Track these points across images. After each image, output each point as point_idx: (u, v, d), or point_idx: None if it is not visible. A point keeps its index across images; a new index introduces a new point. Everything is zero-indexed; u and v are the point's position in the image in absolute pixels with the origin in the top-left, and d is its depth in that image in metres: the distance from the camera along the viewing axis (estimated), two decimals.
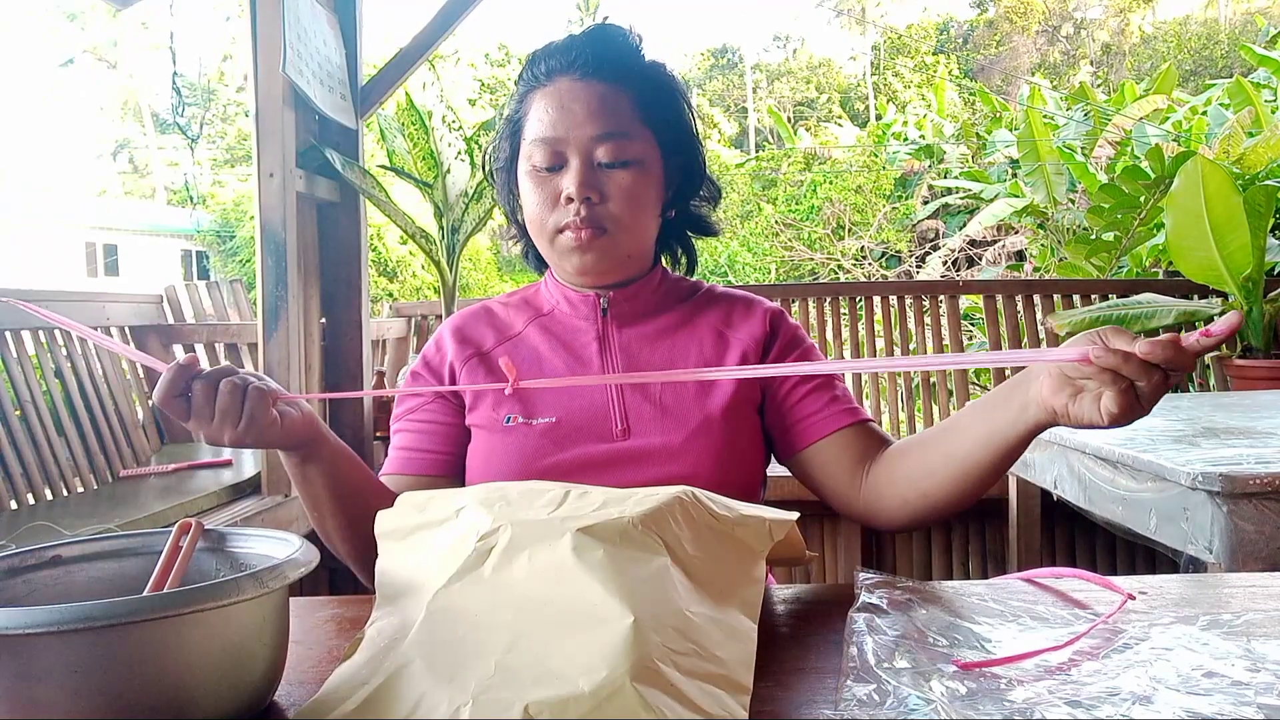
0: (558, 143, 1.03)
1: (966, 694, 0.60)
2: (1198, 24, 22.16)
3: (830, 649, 0.72)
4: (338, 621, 0.82)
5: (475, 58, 20.80)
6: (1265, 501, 1.25)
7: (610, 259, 1.06)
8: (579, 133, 1.02)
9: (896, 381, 3.52)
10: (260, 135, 2.38)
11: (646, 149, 1.06)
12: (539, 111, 1.05)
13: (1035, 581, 0.86)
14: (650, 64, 1.10)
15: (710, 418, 1.04)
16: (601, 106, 1.03)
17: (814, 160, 13.40)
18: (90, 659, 0.54)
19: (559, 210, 1.04)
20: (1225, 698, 0.58)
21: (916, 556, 2.96)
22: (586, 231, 1.03)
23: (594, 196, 1.02)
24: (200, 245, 18.79)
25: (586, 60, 1.04)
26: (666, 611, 0.61)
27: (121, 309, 2.89)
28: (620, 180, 1.03)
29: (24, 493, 2.21)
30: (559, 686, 0.54)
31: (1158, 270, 5.07)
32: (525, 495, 0.74)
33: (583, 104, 1.03)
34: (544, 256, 1.11)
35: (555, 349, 1.11)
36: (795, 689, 0.65)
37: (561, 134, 1.03)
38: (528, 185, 1.06)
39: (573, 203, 1.02)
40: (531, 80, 1.07)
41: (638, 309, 1.12)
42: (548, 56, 1.06)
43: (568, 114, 1.03)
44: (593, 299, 1.11)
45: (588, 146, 1.03)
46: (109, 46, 26.92)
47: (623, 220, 1.04)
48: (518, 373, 0.84)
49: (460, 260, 3.12)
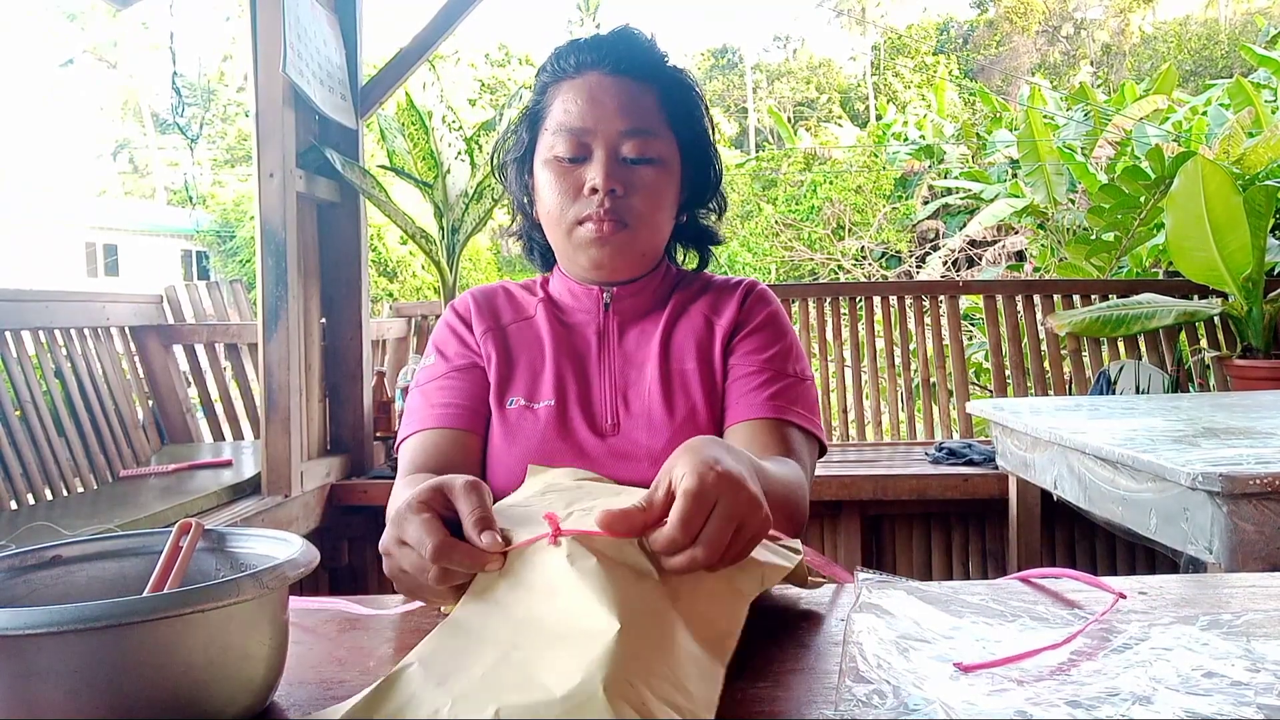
0: (584, 133, 1.04)
1: (967, 694, 0.60)
2: (1198, 24, 22.15)
3: (830, 649, 0.72)
4: (338, 622, 0.82)
5: (475, 58, 20.80)
6: (1265, 501, 1.25)
7: (627, 254, 1.06)
8: (607, 126, 1.03)
9: (896, 382, 3.51)
10: (260, 135, 2.38)
11: (669, 149, 1.07)
12: (565, 102, 1.05)
13: (1033, 582, 0.86)
14: (674, 67, 1.11)
15: (692, 418, 1.05)
16: (631, 102, 1.04)
17: (814, 160, 13.40)
18: (88, 660, 0.54)
19: (581, 201, 1.04)
20: (1225, 698, 0.58)
21: (916, 557, 2.96)
22: (609, 224, 1.03)
23: (619, 189, 1.03)
24: (200, 245, 18.80)
25: (618, 56, 1.05)
26: (652, 627, 0.61)
27: (121, 309, 2.89)
28: (644, 176, 1.04)
29: (24, 493, 2.21)
30: (535, 693, 0.55)
31: (1158, 270, 5.07)
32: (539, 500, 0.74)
33: (613, 97, 1.04)
34: (556, 249, 1.12)
35: (558, 338, 1.12)
36: (794, 689, 0.65)
37: (590, 125, 1.03)
38: (547, 175, 1.06)
39: (597, 194, 1.03)
40: (558, 72, 1.08)
41: (639, 306, 1.13)
42: (577, 51, 1.06)
43: (597, 106, 1.03)
44: (596, 293, 1.12)
45: (615, 140, 1.03)
46: (109, 46, 26.92)
47: (644, 215, 1.05)
48: (557, 523, 0.68)
49: (460, 260, 3.12)
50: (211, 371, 3.21)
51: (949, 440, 3.13)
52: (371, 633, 0.80)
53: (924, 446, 3.15)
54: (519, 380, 1.09)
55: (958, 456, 2.84)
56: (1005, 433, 2.11)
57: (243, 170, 20.42)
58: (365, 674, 0.71)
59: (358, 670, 0.71)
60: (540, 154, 1.08)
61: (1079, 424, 1.79)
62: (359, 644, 0.77)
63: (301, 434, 2.47)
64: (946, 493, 2.72)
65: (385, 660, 0.73)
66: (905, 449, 3.21)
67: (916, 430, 3.49)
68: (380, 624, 0.82)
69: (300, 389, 2.48)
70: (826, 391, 3.50)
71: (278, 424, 2.40)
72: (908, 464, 2.88)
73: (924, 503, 2.82)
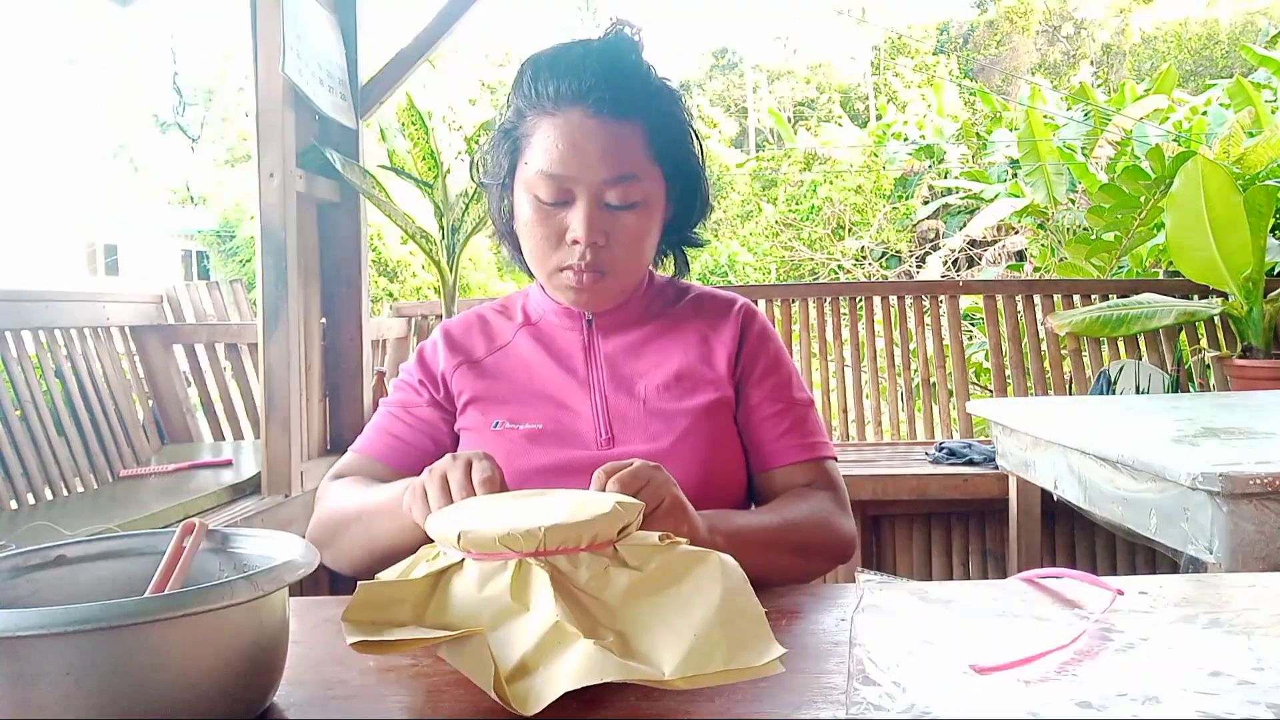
0: (566, 180, 1.00)
1: (975, 696, 0.60)
2: (1198, 24, 22.13)
3: (832, 650, 0.72)
4: (337, 621, 0.82)
5: (475, 58, 20.79)
6: (1265, 501, 1.25)
7: (606, 297, 1.08)
8: (591, 175, 0.99)
9: (897, 382, 3.51)
10: (260, 135, 2.38)
11: (653, 187, 1.04)
12: (546, 142, 1.00)
13: (1034, 582, 0.86)
14: (659, 88, 1.05)
15: (692, 426, 1.05)
16: (616, 147, 1.00)
17: (814, 160, 13.38)
18: (86, 661, 0.54)
19: (562, 250, 1.03)
20: (1233, 697, 0.58)
21: (917, 557, 2.96)
22: (589, 275, 1.03)
23: (600, 240, 1.01)
24: (200, 245, 18.79)
25: (601, 95, 0.99)
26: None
27: (121, 309, 2.89)
28: (626, 222, 1.02)
29: (24, 493, 2.21)
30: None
31: (1158, 270, 5.07)
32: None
33: (597, 145, 0.99)
34: (537, 276, 1.11)
35: (543, 359, 1.11)
36: (797, 691, 0.65)
37: (572, 173, 0.99)
38: (529, 214, 1.03)
39: (578, 245, 1.01)
40: (536, 100, 1.02)
41: (622, 319, 1.13)
42: (557, 77, 1.00)
43: (580, 154, 0.99)
44: (578, 312, 1.12)
45: (597, 190, 1.00)
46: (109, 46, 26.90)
47: (624, 263, 1.05)
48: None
49: (460, 260, 3.12)
50: (211, 371, 3.21)
51: (949, 440, 3.13)
52: None
53: (924, 446, 3.15)
54: (502, 405, 1.08)
55: (958, 456, 2.84)
56: (1005, 433, 2.11)
57: (243, 170, 20.39)
58: (365, 674, 0.70)
59: (358, 670, 0.71)
60: (520, 185, 1.05)
61: (1079, 424, 1.79)
62: None
63: (301, 434, 2.47)
64: (947, 493, 2.72)
65: (385, 660, 0.73)
66: (905, 449, 3.21)
67: (917, 430, 3.49)
68: None
69: (300, 389, 2.48)
70: (826, 391, 3.49)
71: (278, 424, 2.40)
72: (908, 464, 2.88)
73: (924, 503, 2.82)
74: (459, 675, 0.69)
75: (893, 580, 0.81)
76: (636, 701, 0.63)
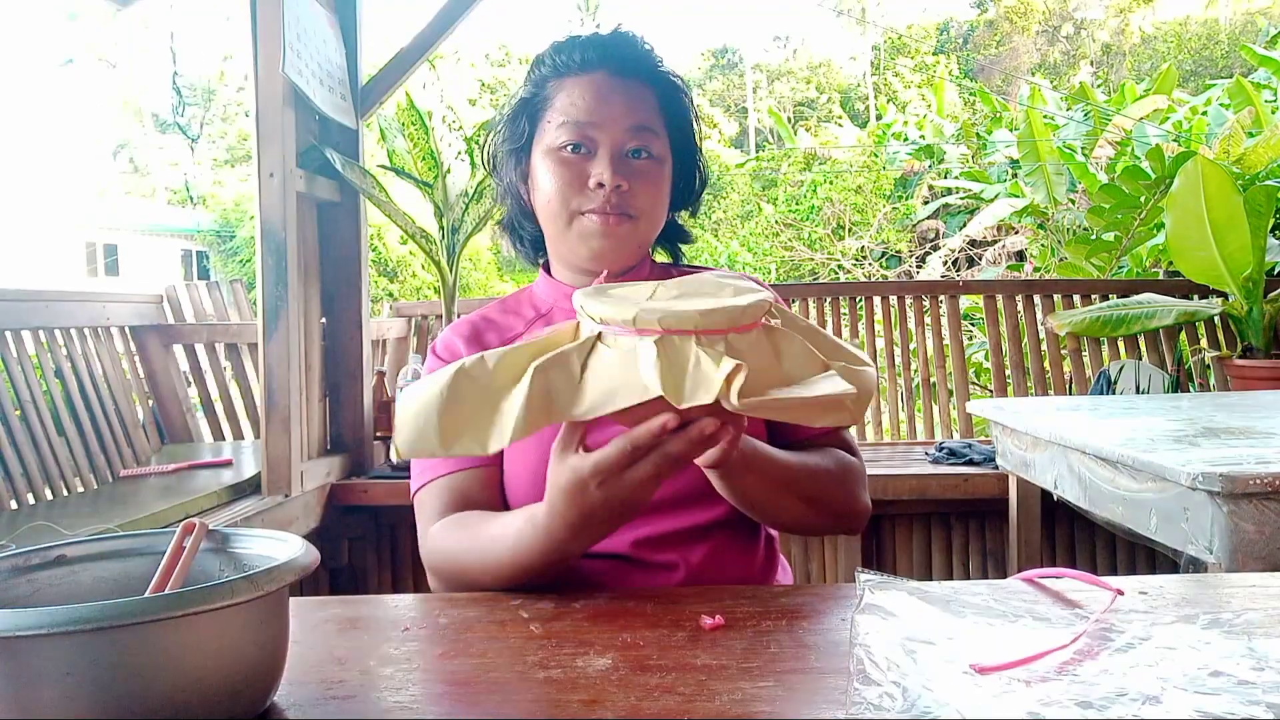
0: (591, 128, 1.07)
1: (976, 696, 0.60)
2: (1198, 24, 22.13)
3: (832, 650, 0.72)
4: (338, 621, 0.82)
5: (475, 58, 20.80)
6: (1265, 501, 1.25)
7: (628, 246, 1.09)
8: (615, 124, 1.07)
9: (897, 382, 3.51)
10: (260, 135, 2.38)
11: (665, 148, 1.11)
12: (571, 96, 1.08)
13: (1034, 582, 0.86)
14: (667, 70, 1.15)
15: None
16: (637, 101, 1.09)
17: (814, 160, 13.39)
18: (86, 661, 0.54)
19: (585, 194, 1.07)
20: (1233, 697, 0.58)
21: (917, 557, 2.96)
22: (615, 218, 1.06)
23: (624, 184, 1.06)
24: (200, 245, 18.80)
25: (622, 58, 1.09)
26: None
27: (121, 309, 2.89)
28: (646, 169, 1.08)
29: (24, 493, 2.21)
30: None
31: (1158, 270, 5.07)
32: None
33: (621, 96, 1.08)
34: (552, 239, 1.13)
35: None
36: (798, 690, 0.65)
37: (597, 120, 1.07)
38: (548, 165, 1.08)
39: (603, 189, 1.05)
40: (561, 67, 1.10)
41: None
42: (581, 48, 1.10)
43: (605, 104, 1.07)
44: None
45: (621, 138, 1.07)
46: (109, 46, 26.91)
47: (647, 208, 1.09)
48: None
49: (460, 260, 3.12)
50: (211, 371, 3.21)
51: (949, 440, 3.13)
52: (371, 633, 0.80)
53: (924, 446, 3.15)
54: None
55: (958, 456, 2.84)
56: (1005, 433, 2.11)
57: (243, 170, 20.41)
58: (365, 674, 0.70)
59: (358, 670, 0.71)
60: (540, 144, 1.10)
61: (1079, 424, 1.79)
62: (359, 644, 0.77)
63: (301, 434, 2.47)
64: (947, 493, 2.72)
65: (385, 660, 0.73)
66: (905, 449, 3.20)
67: (917, 430, 3.49)
68: (380, 624, 0.82)
69: (300, 389, 2.48)
70: None
71: (278, 424, 2.40)
72: (908, 464, 2.88)
73: (924, 503, 2.82)
74: (459, 675, 0.70)
75: (893, 580, 0.81)
76: (637, 702, 0.63)
